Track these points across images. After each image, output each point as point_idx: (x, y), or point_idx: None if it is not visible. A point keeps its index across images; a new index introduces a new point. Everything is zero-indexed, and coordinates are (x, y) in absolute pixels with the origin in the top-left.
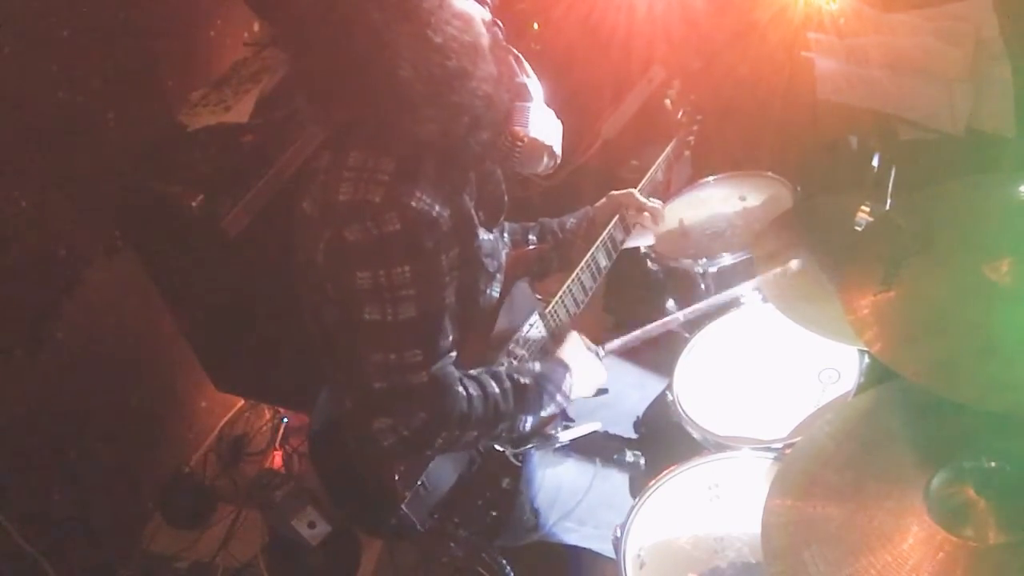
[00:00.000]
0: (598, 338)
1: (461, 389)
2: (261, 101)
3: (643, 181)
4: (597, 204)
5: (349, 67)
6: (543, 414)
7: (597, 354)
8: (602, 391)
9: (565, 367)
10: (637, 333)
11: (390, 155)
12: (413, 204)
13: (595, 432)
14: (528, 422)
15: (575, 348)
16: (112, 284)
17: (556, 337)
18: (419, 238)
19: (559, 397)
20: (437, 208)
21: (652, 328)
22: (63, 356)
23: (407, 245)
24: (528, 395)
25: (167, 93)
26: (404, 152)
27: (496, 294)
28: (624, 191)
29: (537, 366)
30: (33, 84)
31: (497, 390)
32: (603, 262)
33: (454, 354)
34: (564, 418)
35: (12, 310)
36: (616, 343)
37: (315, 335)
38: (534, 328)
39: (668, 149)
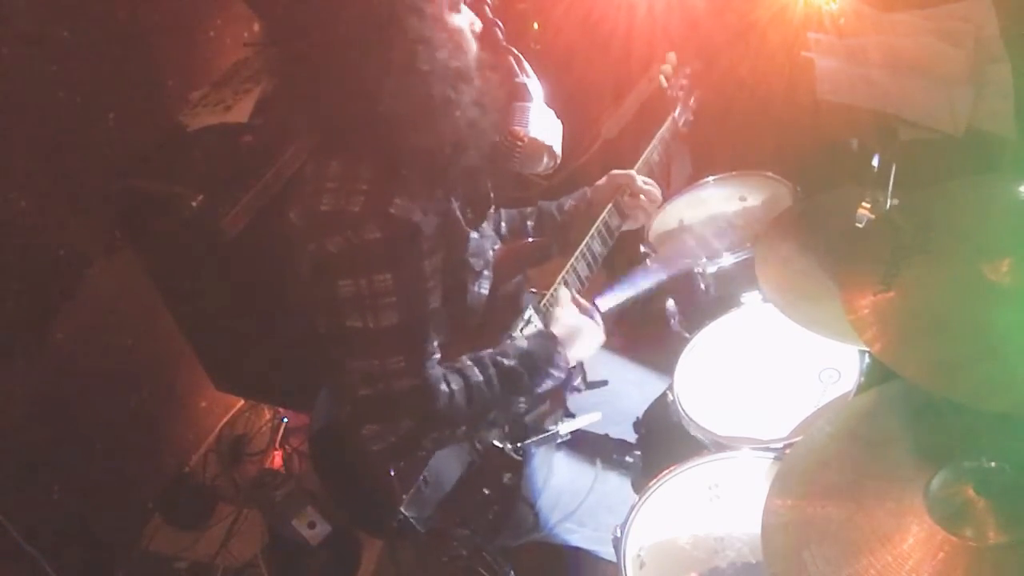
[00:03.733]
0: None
1: (444, 387)
2: (261, 101)
3: (639, 163)
4: (596, 184)
5: (333, 86)
6: (538, 391)
7: (591, 313)
8: (602, 383)
9: (554, 340)
10: (630, 292)
11: (369, 165)
12: (392, 211)
13: (596, 433)
14: (522, 402)
15: (568, 311)
16: (112, 284)
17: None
18: (400, 245)
19: (553, 371)
20: (418, 214)
21: (642, 283)
22: (63, 356)
23: (388, 253)
24: (516, 377)
25: (167, 93)
26: (383, 162)
27: (485, 291)
28: (624, 172)
29: (524, 343)
30: (33, 84)
31: (480, 378)
32: (599, 249)
33: (438, 356)
34: (564, 412)
35: (12, 310)
36: (610, 300)
37: (314, 337)
38: (529, 323)
39: (663, 128)
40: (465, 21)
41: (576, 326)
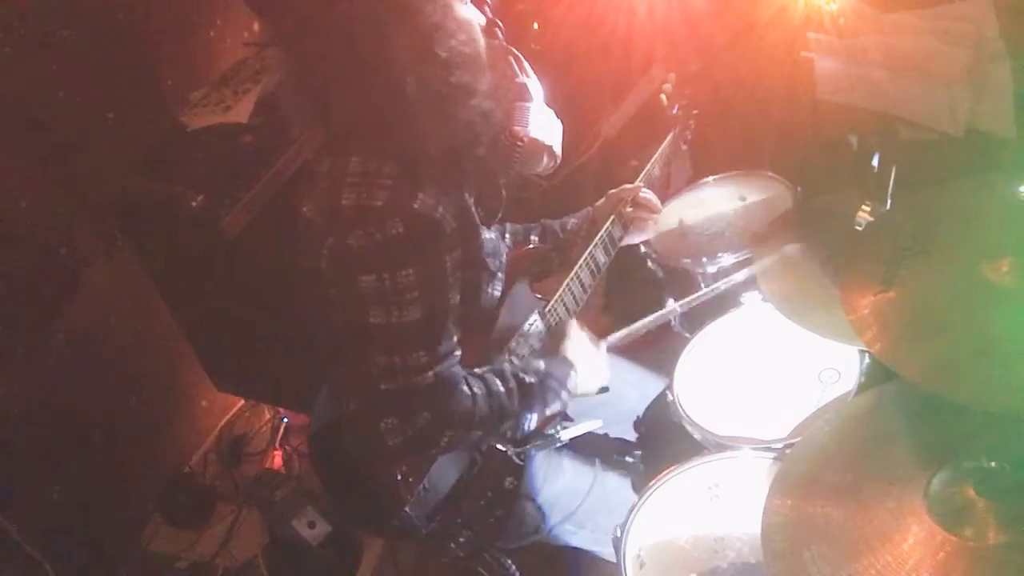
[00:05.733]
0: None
1: (466, 388)
2: (261, 101)
3: (640, 176)
4: (597, 204)
5: (351, 76)
6: (548, 412)
7: (598, 350)
8: (603, 389)
9: (569, 364)
10: (637, 326)
11: (391, 159)
12: (416, 207)
13: (595, 433)
14: (533, 420)
15: (578, 343)
16: (112, 284)
17: (555, 335)
18: (422, 240)
19: (564, 394)
20: (440, 209)
21: (651, 320)
22: (63, 356)
23: (411, 248)
24: (533, 393)
25: (167, 93)
26: (405, 156)
27: (498, 293)
28: (622, 187)
29: (542, 364)
30: (33, 84)
31: (502, 389)
32: (602, 259)
33: (459, 353)
34: (564, 417)
35: (12, 310)
36: (616, 337)
37: (316, 336)
38: (534, 327)
39: (664, 144)
40: (473, 15)
41: (583, 360)
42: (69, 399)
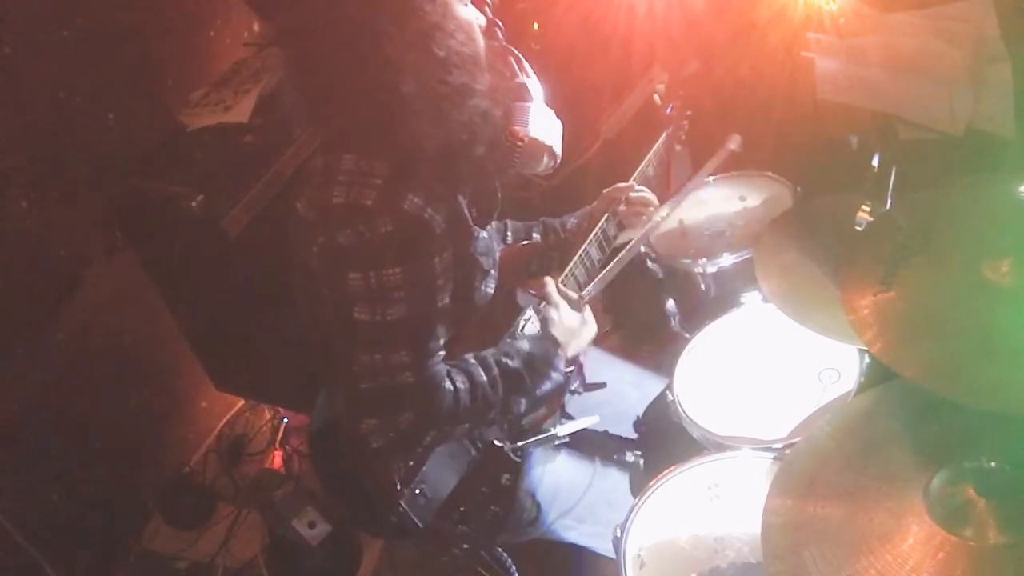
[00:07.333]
0: (599, 342)
1: (448, 384)
2: (261, 101)
3: (633, 175)
4: (594, 203)
5: (350, 76)
6: (538, 393)
7: (581, 307)
8: (600, 385)
9: (553, 342)
10: (607, 270)
11: (384, 159)
12: (406, 207)
13: (595, 432)
14: (522, 404)
15: (561, 311)
16: (112, 284)
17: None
18: (411, 241)
19: (552, 373)
20: (430, 211)
21: (620, 261)
22: (63, 356)
23: (399, 247)
24: (518, 378)
25: (167, 93)
26: (398, 156)
27: (491, 291)
28: (613, 186)
29: (526, 345)
30: (33, 84)
31: (485, 378)
32: (596, 256)
33: (442, 354)
34: (562, 414)
35: (12, 310)
36: (593, 287)
37: (314, 335)
38: (528, 324)
39: (658, 143)
40: (472, 15)
41: (570, 323)
42: (69, 399)
